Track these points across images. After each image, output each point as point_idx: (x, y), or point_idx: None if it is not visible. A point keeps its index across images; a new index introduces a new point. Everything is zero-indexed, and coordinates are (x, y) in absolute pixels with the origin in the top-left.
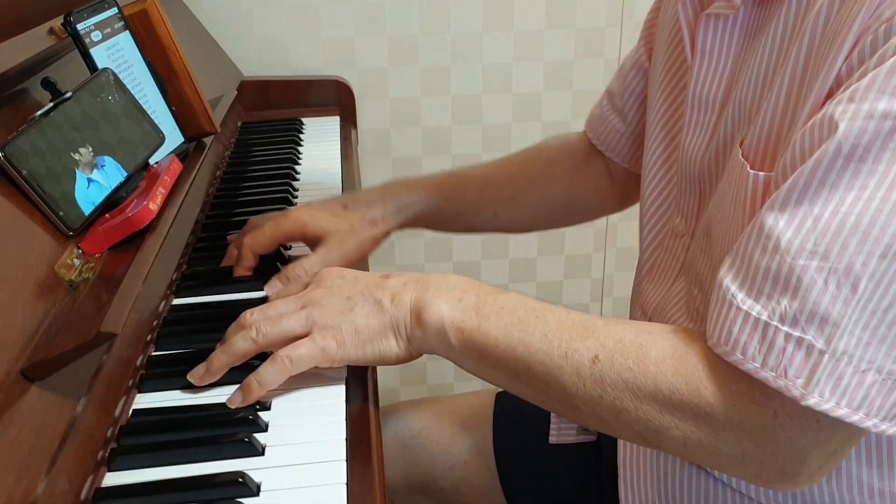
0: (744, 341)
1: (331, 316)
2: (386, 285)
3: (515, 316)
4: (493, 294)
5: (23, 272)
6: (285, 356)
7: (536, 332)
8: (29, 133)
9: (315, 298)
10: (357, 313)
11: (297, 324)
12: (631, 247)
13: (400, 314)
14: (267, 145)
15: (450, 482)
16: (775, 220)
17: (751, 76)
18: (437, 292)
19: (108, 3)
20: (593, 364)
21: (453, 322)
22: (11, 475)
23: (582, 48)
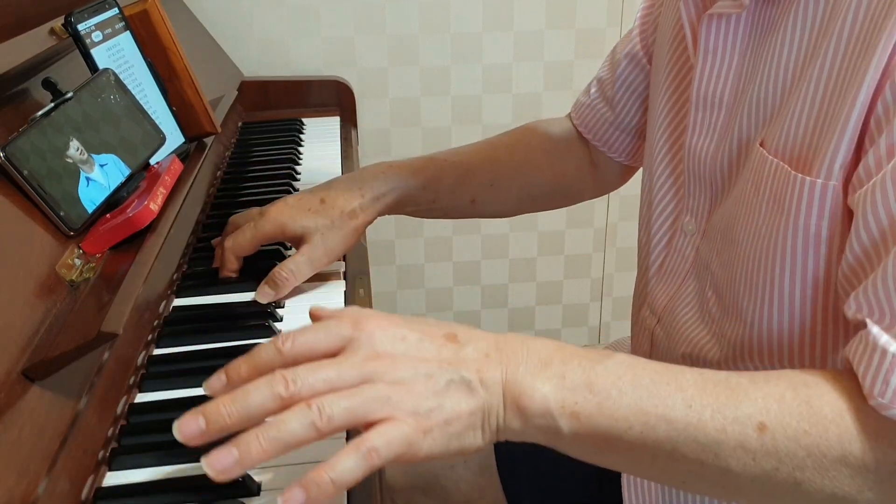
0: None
1: (415, 398)
2: (466, 358)
3: (641, 386)
4: (600, 362)
5: (23, 272)
6: (373, 448)
7: (678, 404)
8: (30, 133)
9: (383, 372)
10: (447, 398)
11: (373, 407)
12: (631, 247)
13: (493, 400)
14: (267, 145)
15: (450, 481)
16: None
17: (770, 75)
18: (530, 369)
19: (109, 4)
20: (761, 433)
21: (563, 407)
22: (12, 475)
23: (582, 48)
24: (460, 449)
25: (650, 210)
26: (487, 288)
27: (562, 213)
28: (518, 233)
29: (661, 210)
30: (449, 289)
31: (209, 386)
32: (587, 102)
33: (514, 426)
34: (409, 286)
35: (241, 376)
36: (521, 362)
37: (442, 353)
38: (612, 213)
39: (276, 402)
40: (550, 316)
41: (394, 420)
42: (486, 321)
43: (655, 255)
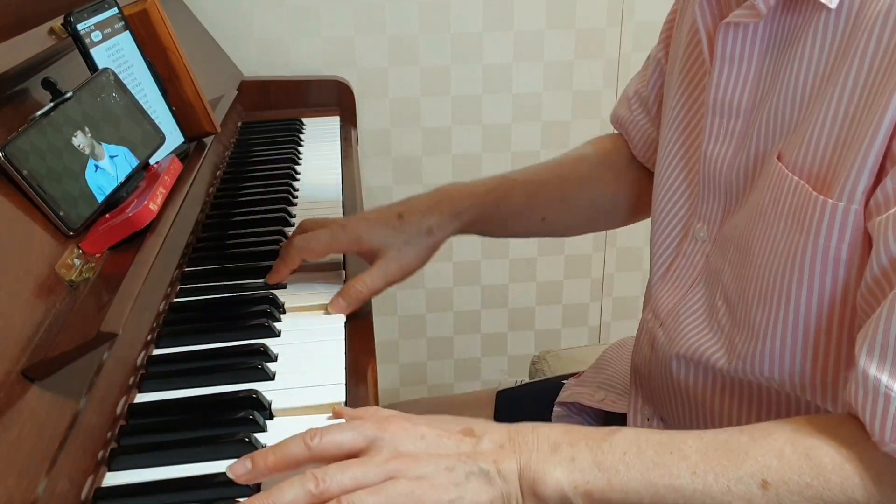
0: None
1: (437, 492)
2: (483, 450)
3: (646, 459)
4: (605, 439)
5: (23, 272)
6: None
7: (682, 472)
8: (29, 133)
9: (405, 469)
10: (466, 489)
11: (399, 501)
12: (631, 247)
13: (511, 488)
14: (267, 145)
15: None
16: None
17: (789, 88)
18: (542, 455)
19: (109, 4)
20: (765, 490)
21: (576, 487)
22: (12, 475)
23: (582, 48)
24: None
25: (657, 214)
26: (487, 288)
27: None
28: None
29: (671, 215)
30: (449, 289)
31: (233, 470)
32: (630, 118)
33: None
34: (409, 286)
35: (267, 465)
36: (534, 450)
37: (460, 448)
38: None
39: (307, 498)
40: (550, 316)
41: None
42: (485, 321)
43: (663, 260)
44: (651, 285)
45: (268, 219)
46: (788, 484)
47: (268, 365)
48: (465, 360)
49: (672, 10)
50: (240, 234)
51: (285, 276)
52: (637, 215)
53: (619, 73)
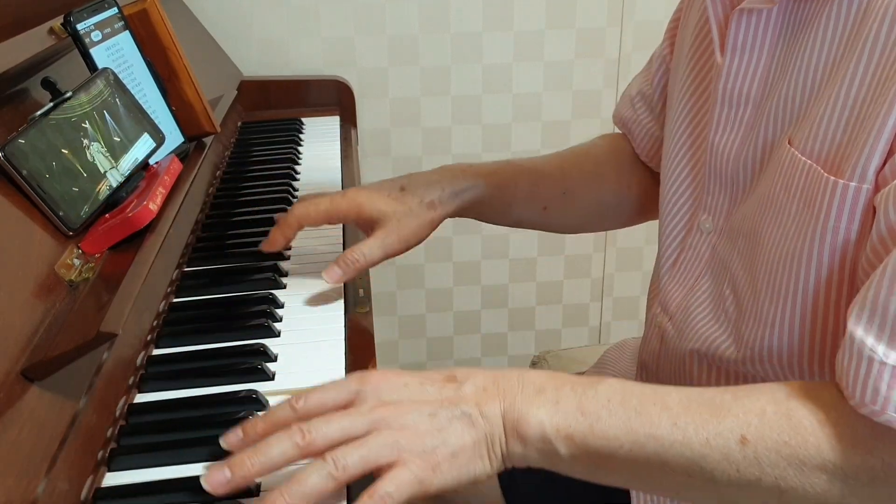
0: (895, 398)
1: (419, 439)
2: (465, 394)
3: (630, 407)
4: (591, 386)
5: (23, 272)
6: (385, 494)
7: (663, 422)
8: (29, 133)
9: (389, 418)
10: (448, 433)
11: (382, 452)
12: (631, 247)
13: (494, 429)
14: (267, 145)
15: None
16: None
17: (800, 74)
18: (526, 397)
19: (108, 3)
20: (743, 446)
21: (558, 430)
22: (11, 475)
23: (582, 48)
24: (470, 477)
25: (664, 207)
26: (487, 288)
27: None
28: (518, 233)
29: (676, 208)
30: (449, 289)
31: (227, 440)
32: (633, 117)
33: (516, 451)
34: (408, 286)
35: (257, 432)
36: (518, 392)
37: (443, 394)
38: None
39: (295, 451)
40: (550, 316)
41: (403, 463)
42: (485, 321)
43: (669, 253)
44: (659, 279)
45: (268, 219)
46: (766, 441)
47: (268, 365)
48: (465, 361)
49: (678, 9)
50: (240, 234)
51: (281, 243)
52: (642, 216)
53: (619, 73)
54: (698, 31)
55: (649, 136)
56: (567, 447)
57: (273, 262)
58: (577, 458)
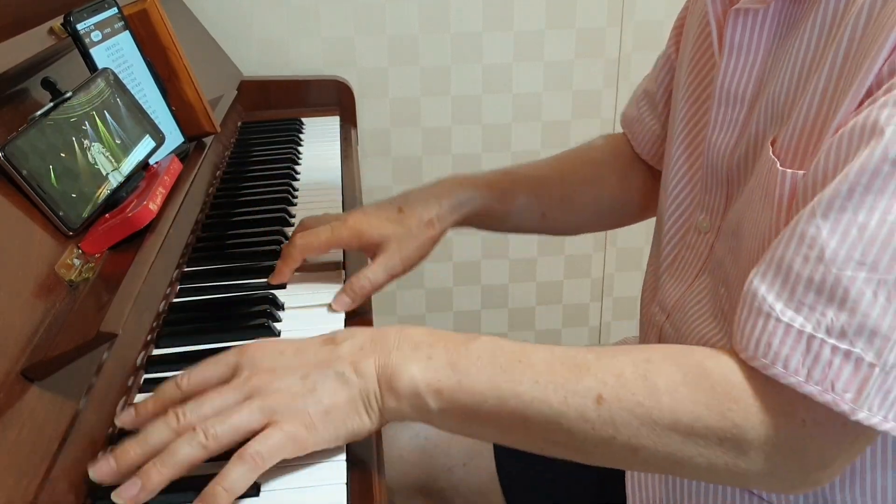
0: (786, 354)
1: (291, 401)
2: (340, 354)
3: (497, 364)
4: (464, 344)
5: (23, 272)
6: (254, 453)
7: (526, 380)
8: (29, 133)
9: (262, 385)
10: (321, 392)
11: (252, 417)
12: (631, 247)
13: (368, 385)
14: (267, 145)
15: (449, 484)
16: (817, 228)
17: (785, 74)
18: (402, 353)
19: (108, 3)
20: (598, 405)
21: (429, 384)
22: (11, 475)
23: (582, 48)
24: (349, 433)
25: (663, 206)
26: (487, 288)
27: None
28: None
29: (675, 206)
30: (449, 289)
31: (121, 419)
32: (636, 117)
33: (391, 405)
34: (408, 286)
35: (147, 411)
36: (394, 349)
37: (319, 356)
38: None
39: (171, 436)
40: (550, 316)
41: (274, 424)
42: (485, 321)
43: (668, 252)
44: (657, 279)
45: (268, 219)
46: (621, 401)
47: None
48: None
49: (683, 9)
50: (240, 234)
51: (288, 275)
52: (643, 214)
53: (619, 73)
54: (700, 30)
55: (651, 134)
56: (437, 401)
57: (273, 262)
58: (447, 411)
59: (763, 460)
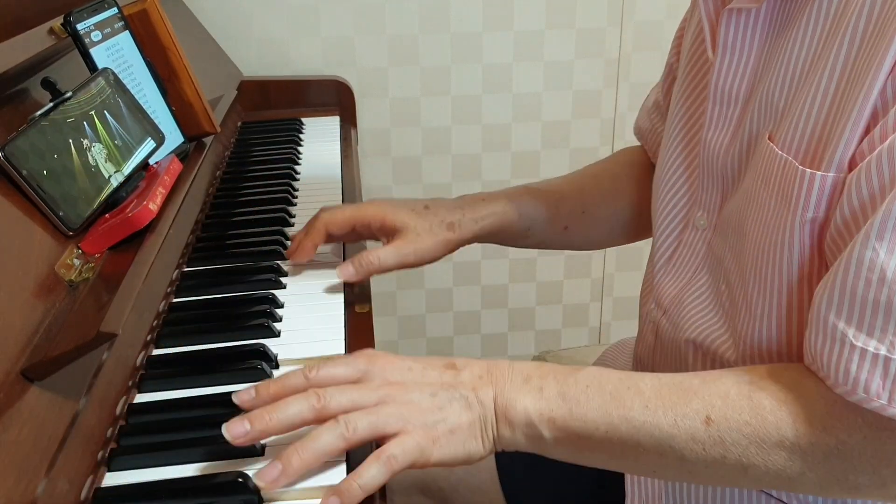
0: (865, 379)
1: (422, 415)
2: (463, 380)
3: (606, 392)
4: (571, 374)
5: (23, 272)
6: (391, 455)
7: (636, 405)
8: (29, 133)
9: (395, 395)
10: (447, 412)
11: (390, 421)
12: (631, 247)
13: (487, 413)
14: (267, 145)
15: (449, 483)
16: (874, 251)
17: (780, 71)
18: (515, 386)
19: (108, 3)
20: (707, 426)
21: (541, 414)
22: (11, 475)
23: (582, 48)
24: (466, 455)
25: (658, 205)
26: (487, 288)
27: None
28: None
29: (671, 205)
30: (449, 289)
31: (239, 397)
32: (650, 128)
33: (505, 434)
34: (408, 287)
35: (269, 393)
36: (508, 381)
37: (443, 378)
38: None
39: (310, 413)
40: (550, 316)
41: (407, 432)
42: (485, 321)
43: (664, 250)
44: (653, 276)
45: (268, 219)
46: (729, 421)
47: (268, 365)
48: None
49: (684, 18)
50: (240, 234)
51: (311, 251)
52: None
53: (619, 73)
54: (696, 31)
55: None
56: (550, 430)
57: (273, 262)
58: (559, 440)
59: (872, 473)
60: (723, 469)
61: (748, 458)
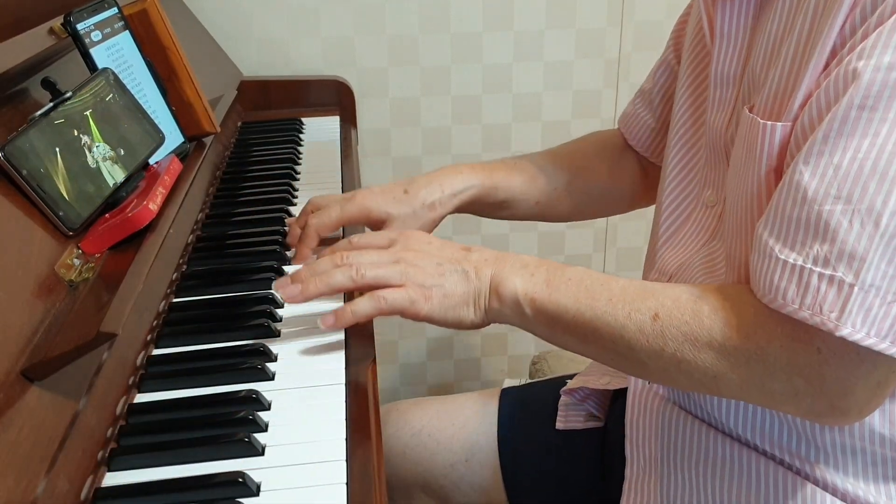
0: (783, 287)
1: (424, 276)
2: (470, 259)
3: (583, 285)
4: (561, 269)
5: (23, 272)
6: (382, 296)
7: (602, 298)
8: (29, 133)
9: (408, 258)
10: (447, 279)
11: (393, 275)
12: (631, 247)
13: (482, 286)
14: (267, 145)
15: (451, 480)
16: (800, 174)
17: (760, 49)
18: (513, 269)
19: (108, 3)
20: (654, 321)
21: (526, 293)
22: (11, 475)
23: (582, 48)
24: (456, 319)
25: (666, 185)
26: None
27: None
28: (518, 233)
29: (681, 186)
30: None
31: (299, 254)
32: (632, 112)
33: (494, 307)
34: None
35: (322, 254)
36: (508, 265)
37: (454, 255)
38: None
39: (334, 268)
40: None
41: (404, 286)
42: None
43: (668, 225)
44: (655, 252)
45: (268, 219)
46: (672, 319)
47: (268, 365)
48: (465, 360)
49: (684, 13)
50: (240, 233)
51: (307, 255)
52: (633, 204)
53: (619, 73)
54: (697, 25)
55: (646, 128)
56: (531, 308)
57: (273, 263)
58: (537, 318)
59: (786, 381)
60: (661, 360)
61: (682, 353)
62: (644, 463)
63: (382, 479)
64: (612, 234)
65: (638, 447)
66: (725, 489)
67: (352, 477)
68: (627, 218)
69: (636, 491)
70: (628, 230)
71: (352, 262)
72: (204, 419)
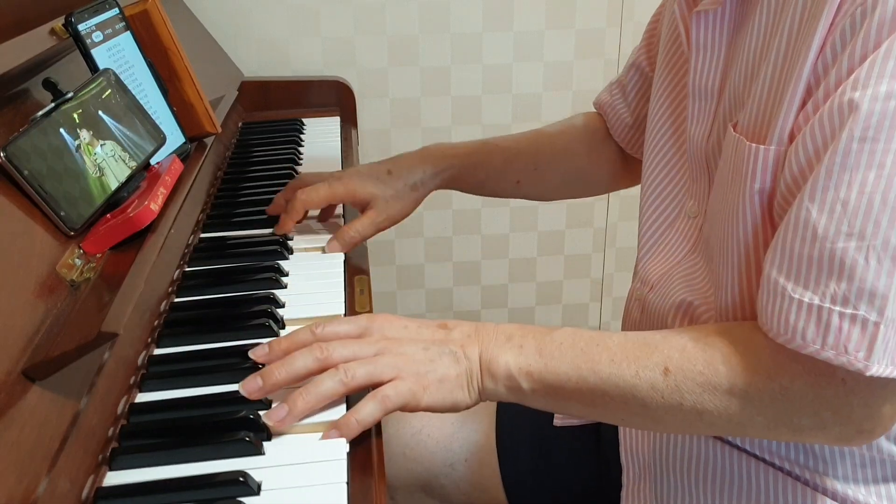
0: (801, 327)
1: (415, 365)
2: (453, 338)
3: (577, 348)
4: (548, 333)
5: (24, 272)
6: (385, 395)
7: (602, 360)
8: (30, 133)
9: (391, 347)
10: (438, 364)
11: (385, 369)
12: (630, 247)
13: (472, 367)
14: (268, 145)
15: (450, 480)
16: (807, 211)
17: (740, 65)
18: (499, 344)
19: (110, 4)
20: (666, 376)
21: (520, 368)
22: (12, 475)
23: (582, 48)
24: (453, 402)
25: (646, 194)
26: (487, 288)
27: (562, 213)
28: (518, 233)
29: (662, 196)
30: (449, 289)
31: (254, 353)
32: (609, 102)
33: (489, 386)
34: (409, 286)
35: (281, 348)
36: (492, 340)
37: (435, 336)
38: (612, 213)
39: (315, 364)
40: (550, 316)
41: (400, 378)
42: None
43: (649, 235)
44: (638, 262)
45: (268, 219)
46: (685, 371)
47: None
48: None
49: (657, 12)
50: (240, 234)
51: (291, 227)
52: (611, 186)
53: (619, 73)
54: (672, 29)
55: (621, 122)
56: (528, 382)
57: (274, 262)
58: (537, 391)
59: (813, 415)
60: (681, 414)
61: (702, 404)
62: (639, 469)
63: (383, 477)
64: (612, 234)
65: (633, 454)
66: (718, 494)
67: (352, 476)
68: (627, 218)
69: (633, 497)
70: (628, 230)
71: (334, 358)
72: (205, 419)
